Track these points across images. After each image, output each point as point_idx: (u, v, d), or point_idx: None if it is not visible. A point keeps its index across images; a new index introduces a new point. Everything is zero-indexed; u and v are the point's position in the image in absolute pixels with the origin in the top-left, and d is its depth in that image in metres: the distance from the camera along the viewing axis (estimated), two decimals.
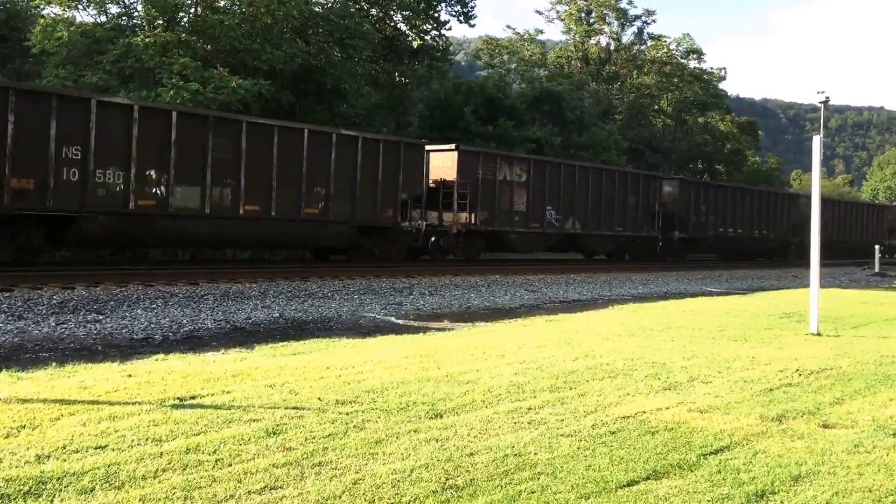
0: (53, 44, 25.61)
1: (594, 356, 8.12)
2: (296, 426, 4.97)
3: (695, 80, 59.90)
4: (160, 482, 3.95)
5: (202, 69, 24.94)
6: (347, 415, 5.32)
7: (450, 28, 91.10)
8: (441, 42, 42.15)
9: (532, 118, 43.12)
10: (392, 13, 39.74)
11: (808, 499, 4.06)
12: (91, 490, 3.81)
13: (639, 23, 60.76)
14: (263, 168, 18.30)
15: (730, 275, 27.67)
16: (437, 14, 41.33)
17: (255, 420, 5.09)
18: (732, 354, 8.50)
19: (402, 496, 3.86)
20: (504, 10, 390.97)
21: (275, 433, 4.82)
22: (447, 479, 4.11)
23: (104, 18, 28.20)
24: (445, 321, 12.52)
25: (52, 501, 3.68)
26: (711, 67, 63.90)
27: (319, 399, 5.74)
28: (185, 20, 29.01)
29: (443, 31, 42.00)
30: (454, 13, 42.82)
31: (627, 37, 61.41)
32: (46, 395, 5.59)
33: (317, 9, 31.55)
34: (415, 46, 40.32)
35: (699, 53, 61.08)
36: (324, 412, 5.36)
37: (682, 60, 60.73)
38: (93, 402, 5.42)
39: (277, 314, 12.33)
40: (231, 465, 4.22)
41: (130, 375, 6.51)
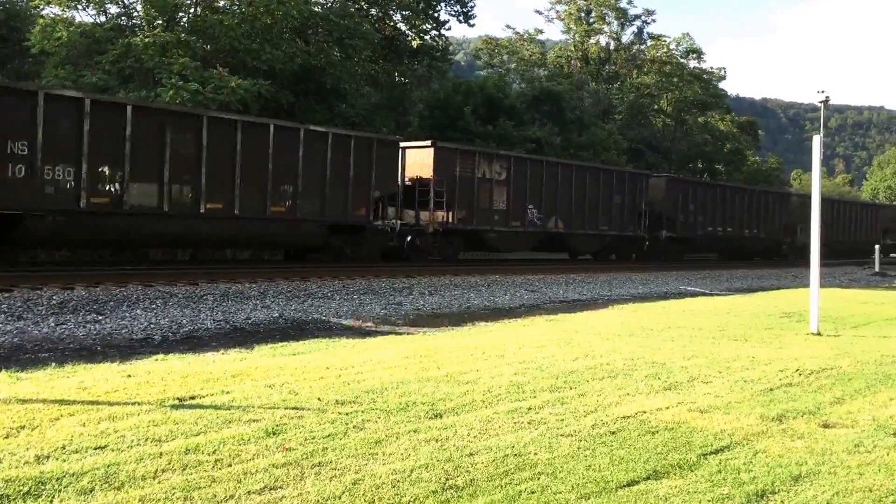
0: (53, 44, 25.60)
1: (594, 356, 8.12)
2: (295, 426, 4.97)
3: (695, 80, 59.86)
4: (160, 482, 3.94)
5: (202, 69, 24.92)
6: (347, 415, 5.32)
7: (449, 28, 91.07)
8: (441, 42, 42.11)
9: (532, 118, 43.08)
10: (392, 13, 39.71)
11: (809, 499, 4.06)
12: (91, 490, 3.81)
13: (638, 22, 60.82)
14: (226, 164, 17.59)
15: (730, 275, 27.66)
16: (437, 14, 41.32)
17: (255, 420, 5.08)
18: (732, 354, 8.50)
19: (402, 496, 3.86)
20: (504, 10, 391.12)
21: (274, 433, 4.81)
22: (447, 480, 4.10)
23: (103, 18, 28.24)
24: (445, 321, 12.53)
25: (52, 502, 3.68)
26: (711, 67, 64.03)
27: (319, 399, 5.74)
28: (185, 20, 29.00)
29: (442, 31, 41.98)
30: (454, 13, 42.81)
31: (627, 36, 61.49)
32: (46, 396, 5.59)
33: (316, 9, 31.54)
34: (414, 46, 40.29)
35: (699, 53, 61.12)
36: (323, 412, 5.36)
37: (682, 60, 60.72)
38: (92, 403, 5.42)
39: (277, 314, 12.33)
40: (231, 466, 4.22)
41: (130, 376, 6.51)
